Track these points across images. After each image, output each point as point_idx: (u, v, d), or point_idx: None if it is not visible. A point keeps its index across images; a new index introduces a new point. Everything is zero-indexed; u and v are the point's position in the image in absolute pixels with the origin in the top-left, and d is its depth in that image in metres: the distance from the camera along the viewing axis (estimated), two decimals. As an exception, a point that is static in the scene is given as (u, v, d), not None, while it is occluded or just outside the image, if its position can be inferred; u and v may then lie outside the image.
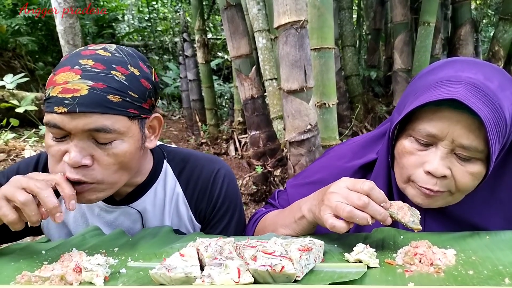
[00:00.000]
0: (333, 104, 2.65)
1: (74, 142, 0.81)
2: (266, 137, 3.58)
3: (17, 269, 0.78)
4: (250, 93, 3.51)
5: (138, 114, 0.87)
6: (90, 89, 0.78)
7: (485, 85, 0.76)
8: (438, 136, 0.80)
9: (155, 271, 0.68)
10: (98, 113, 0.79)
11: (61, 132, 0.81)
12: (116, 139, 0.84)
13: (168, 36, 10.15)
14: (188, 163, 1.10)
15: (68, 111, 0.78)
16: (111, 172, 0.86)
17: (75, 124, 0.79)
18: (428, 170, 0.81)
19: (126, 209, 1.04)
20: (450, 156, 0.80)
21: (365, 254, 0.72)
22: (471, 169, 0.80)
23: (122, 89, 0.82)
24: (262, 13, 3.65)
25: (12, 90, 4.12)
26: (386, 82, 5.42)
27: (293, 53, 2.20)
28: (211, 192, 1.08)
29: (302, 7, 2.16)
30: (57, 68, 0.82)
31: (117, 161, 0.85)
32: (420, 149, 0.84)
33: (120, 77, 0.82)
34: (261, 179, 3.51)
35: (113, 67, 0.82)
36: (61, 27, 4.31)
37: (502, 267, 0.69)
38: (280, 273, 0.64)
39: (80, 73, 0.79)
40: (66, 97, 0.78)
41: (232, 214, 1.11)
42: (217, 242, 0.78)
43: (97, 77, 0.80)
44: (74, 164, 0.81)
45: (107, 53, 0.84)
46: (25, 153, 3.51)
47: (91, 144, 0.83)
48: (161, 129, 0.98)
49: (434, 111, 0.80)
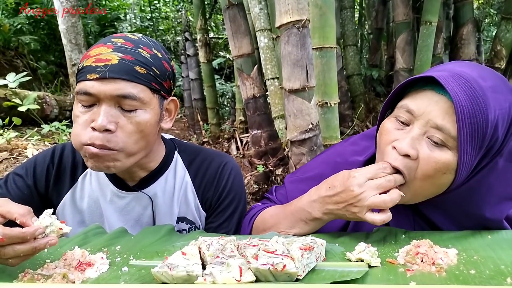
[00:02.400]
0: (334, 104, 2.65)
1: (102, 108, 0.89)
2: (267, 136, 3.58)
3: (20, 267, 0.78)
4: (252, 92, 3.51)
5: (159, 89, 0.96)
6: (120, 60, 0.89)
7: (474, 80, 0.76)
8: (415, 113, 0.81)
9: (157, 270, 0.68)
10: (126, 80, 0.89)
11: (90, 99, 0.89)
12: (139, 108, 0.92)
13: (170, 35, 10.15)
14: (198, 155, 1.17)
15: (100, 77, 0.87)
16: (131, 141, 0.92)
17: (104, 89, 0.88)
18: (394, 145, 0.83)
19: (138, 194, 1.09)
20: (421, 139, 0.81)
21: (366, 253, 0.72)
22: (438, 156, 0.78)
23: (148, 63, 0.93)
24: (264, 12, 3.65)
25: (14, 89, 4.12)
26: (388, 82, 5.41)
27: (295, 52, 2.20)
28: (218, 183, 1.14)
29: (304, 7, 2.16)
30: (91, 47, 0.93)
31: (139, 129, 0.93)
32: (397, 128, 0.85)
33: (145, 55, 0.93)
34: (262, 178, 3.51)
35: (140, 46, 0.94)
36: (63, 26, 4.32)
37: (504, 267, 0.69)
38: (281, 272, 0.65)
39: (112, 47, 0.91)
40: (98, 65, 0.88)
41: (237, 206, 1.16)
42: (219, 240, 0.78)
43: (127, 51, 0.91)
44: (100, 127, 0.88)
45: (135, 37, 0.97)
46: (27, 151, 3.52)
47: (117, 112, 0.90)
48: (176, 112, 1.06)
49: (419, 91, 0.83)
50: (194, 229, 1.15)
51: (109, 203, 1.09)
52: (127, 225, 1.09)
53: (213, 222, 1.15)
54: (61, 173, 1.10)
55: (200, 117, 5.80)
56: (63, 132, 4.19)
